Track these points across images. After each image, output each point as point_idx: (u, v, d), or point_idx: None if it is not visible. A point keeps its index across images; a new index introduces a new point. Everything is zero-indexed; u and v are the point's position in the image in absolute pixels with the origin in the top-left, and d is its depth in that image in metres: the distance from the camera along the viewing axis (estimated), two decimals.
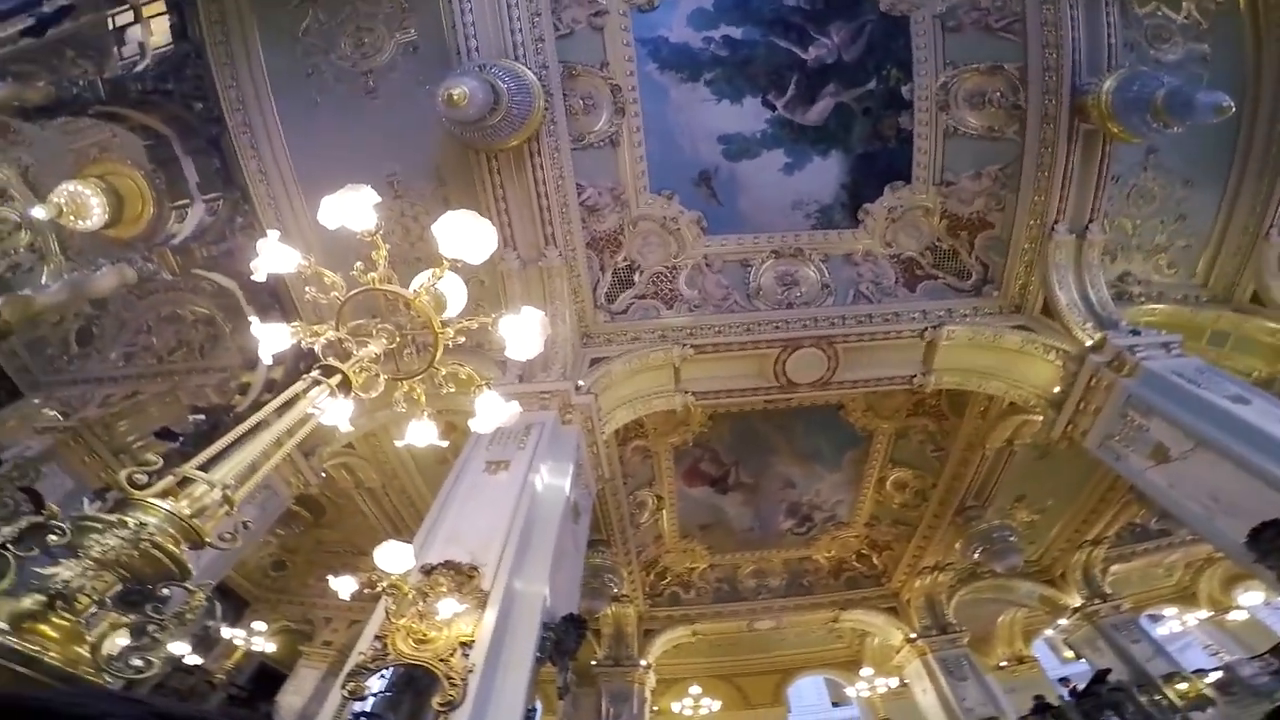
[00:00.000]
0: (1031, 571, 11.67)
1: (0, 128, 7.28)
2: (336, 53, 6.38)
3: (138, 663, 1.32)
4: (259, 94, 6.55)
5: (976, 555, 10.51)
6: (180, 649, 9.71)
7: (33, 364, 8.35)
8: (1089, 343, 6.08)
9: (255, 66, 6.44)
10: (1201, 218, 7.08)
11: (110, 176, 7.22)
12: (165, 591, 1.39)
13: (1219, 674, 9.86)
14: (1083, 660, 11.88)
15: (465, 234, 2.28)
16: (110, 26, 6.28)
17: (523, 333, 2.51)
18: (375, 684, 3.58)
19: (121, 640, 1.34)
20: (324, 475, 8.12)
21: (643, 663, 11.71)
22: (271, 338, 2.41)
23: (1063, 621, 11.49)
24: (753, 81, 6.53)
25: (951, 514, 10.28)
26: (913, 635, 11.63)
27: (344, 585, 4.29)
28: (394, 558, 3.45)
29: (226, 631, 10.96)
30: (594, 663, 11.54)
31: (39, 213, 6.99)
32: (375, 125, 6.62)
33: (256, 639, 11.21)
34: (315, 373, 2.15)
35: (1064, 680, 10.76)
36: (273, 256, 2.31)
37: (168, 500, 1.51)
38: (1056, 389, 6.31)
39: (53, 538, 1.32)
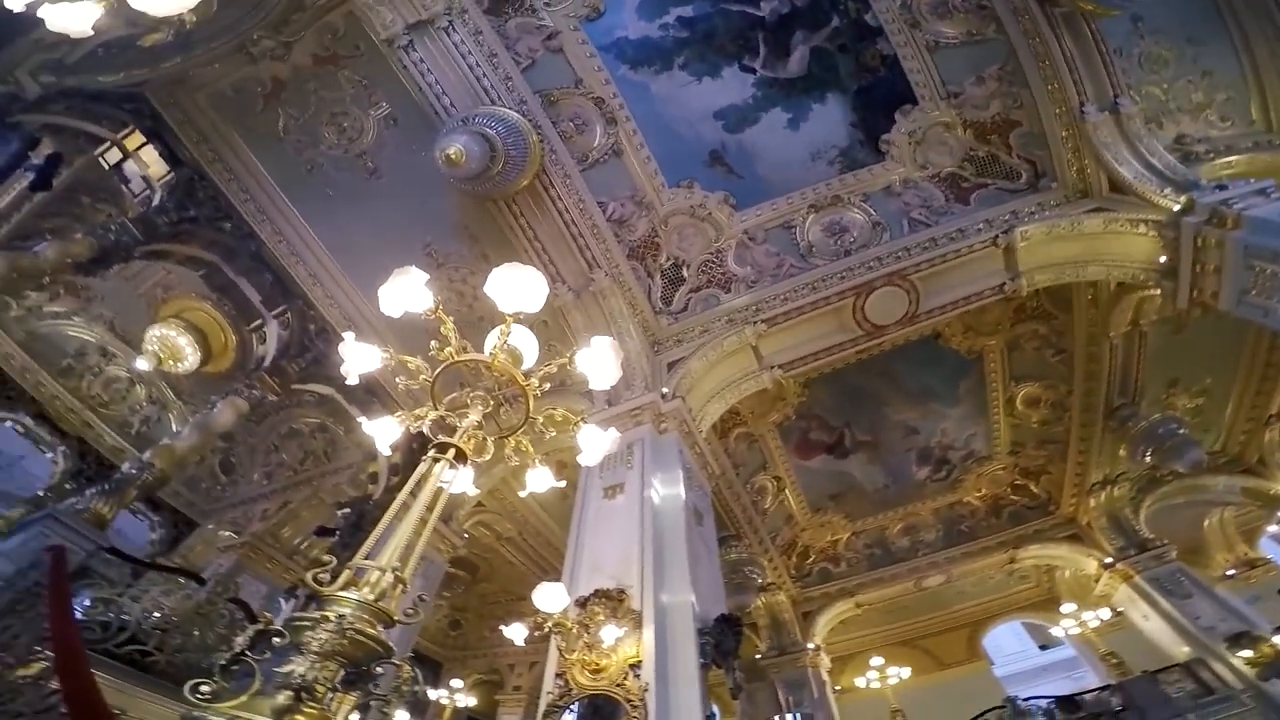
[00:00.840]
0: (1221, 463, 9.93)
1: (70, 288, 8.03)
2: (324, 144, 6.75)
3: None
4: (274, 201, 6.99)
5: (1148, 458, 9.10)
6: (403, 717, 10.93)
7: (195, 498, 9.96)
8: (1176, 207, 5.70)
9: (257, 175, 6.86)
10: (1226, 69, 6.42)
11: (186, 314, 8.02)
12: (378, 669, 1.61)
13: None
14: None
15: (515, 286, 2.40)
16: (106, 166, 6.60)
17: (598, 362, 2.60)
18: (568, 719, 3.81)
19: (355, 718, 1.57)
20: (466, 536, 8.84)
21: (810, 646, 11.37)
22: (382, 431, 2.67)
23: None
24: (723, 52, 6.43)
25: (1101, 419, 9.10)
26: (1108, 560, 10.25)
27: (516, 632, 4.61)
28: (551, 598, 3.68)
29: (432, 694, 12.17)
30: (758, 656, 11.39)
31: (142, 364, 7.98)
32: (391, 202, 6.97)
33: (458, 695, 12.34)
34: (432, 452, 2.37)
35: None
36: (355, 357, 2.53)
37: (352, 590, 1.74)
38: (1162, 259, 5.91)
39: (276, 640, 1.59)
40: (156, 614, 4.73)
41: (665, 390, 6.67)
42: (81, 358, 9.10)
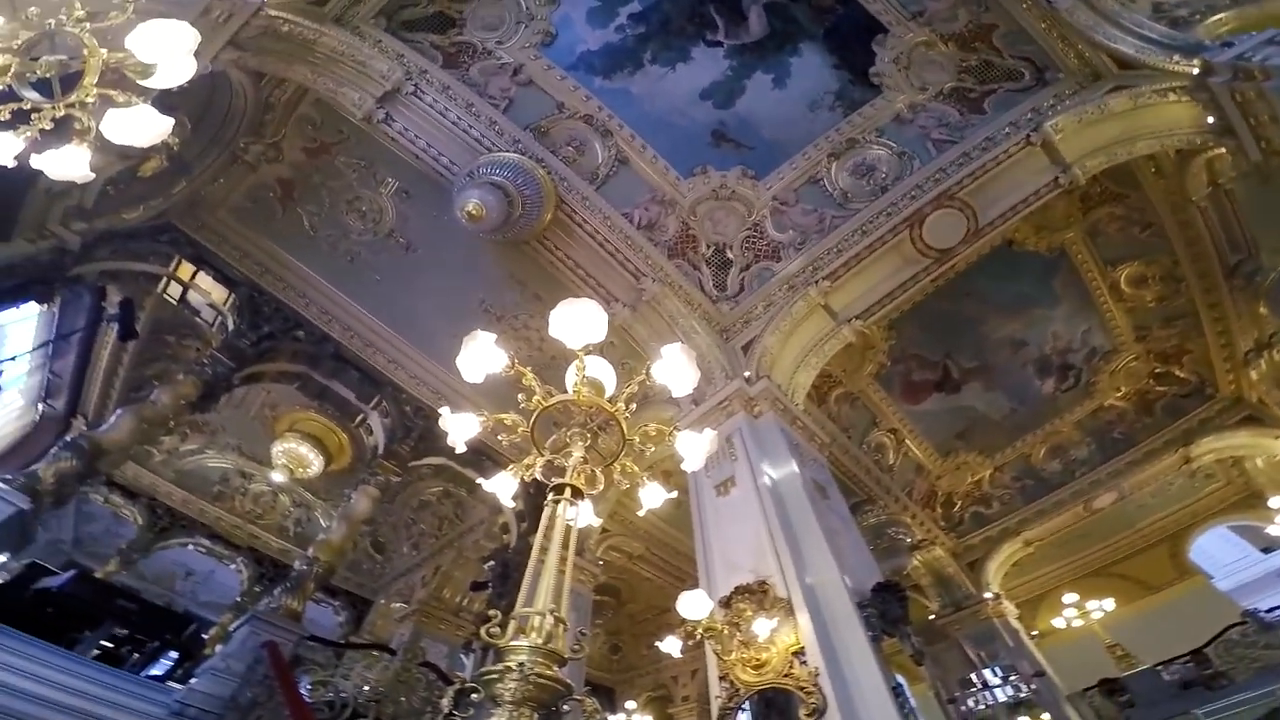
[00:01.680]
0: None
1: (193, 426, 8.95)
2: (353, 232, 7.07)
3: None
4: (331, 299, 7.39)
5: None
6: None
7: (361, 579, 11.14)
8: (1195, 71, 5.48)
9: (307, 278, 7.20)
10: None
11: (299, 425, 8.85)
12: (565, 707, 1.74)
13: None
14: None
15: (576, 321, 2.49)
16: (173, 302, 6.94)
17: (674, 370, 2.63)
18: (743, 719, 3.81)
19: None
20: (602, 563, 9.15)
21: (987, 595, 10.46)
22: (501, 485, 2.86)
23: None
24: (684, 35, 6.36)
25: (1224, 281, 7.88)
26: None
27: (671, 645, 4.70)
28: (694, 604, 3.72)
29: (613, 718, 12.65)
30: (932, 617, 10.68)
31: (277, 478, 8.96)
32: (435, 271, 7.27)
33: (635, 717, 12.72)
34: (550, 495, 2.52)
35: None
36: (456, 428, 2.70)
37: (521, 638, 1.89)
38: (1210, 120, 5.63)
39: (474, 696, 1.76)
40: (366, 687, 5.35)
41: (747, 374, 6.57)
42: (226, 482, 10.64)
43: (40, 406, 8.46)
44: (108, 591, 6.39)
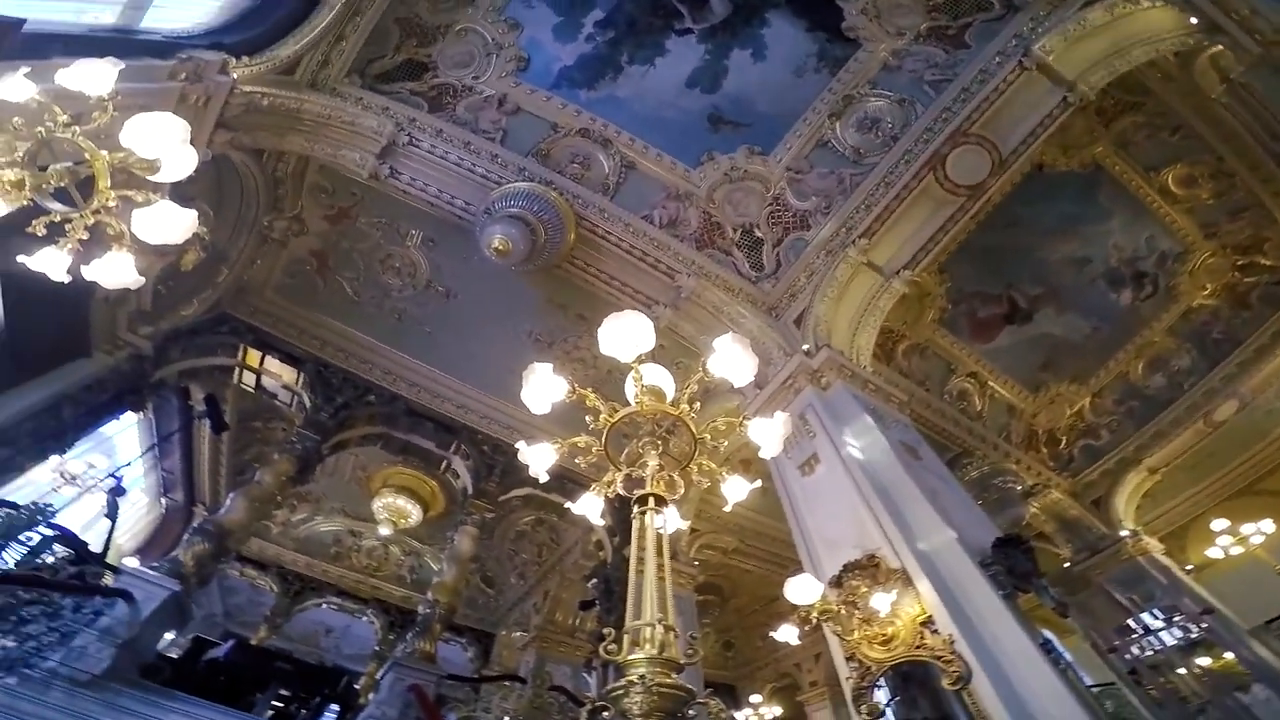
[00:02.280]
0: None
1: (299, 497, 9.57)
2: (394, 289, 7.26)
3: None
4: (391, 359, 7.66)
5: None
6: None
7: (480, 614, 11.57)
8: None
9: (363, 343, 7.48)
10: None
11: (391, 481, 9.36)
12: (691, 712, 1.75)
13: None
14: None
15: (623, 335, 2.51)
16: (250, 390, 7.13)
17: (730, 361, 2.59)
18: (881, 696, 3.67)
19: None
20: (698, 563, 9.12)
21: (1123, 533, 9.49)
22: (588, 506, 2.91)
23: None
24: (653, 30, 6.31)
25: (1275, 167, 7.23)
26: None
27: (788, 633, 4.59)
28: (804, 590, 3.63)
29: (739, 715, 12.52)
30: (1067, 565, 9.82)
31: (384, 531, 9.55)
32: (479, 312, 7.48)
33: (762, 709, 12.52)
34: (636, 508, 2.55)
35: None
36: (535, 459, 2.76)
37: (638, 650, 1.92)
38: (1193, 20, 5.45)
39: (605, 714, 1.80)
40: (506, 718, 5.59)
41: (806, 347, 6.39)
42: (340, 543, 11.53)
43: (163, 501, 9.56)
44: (265, 655, 7.01)
